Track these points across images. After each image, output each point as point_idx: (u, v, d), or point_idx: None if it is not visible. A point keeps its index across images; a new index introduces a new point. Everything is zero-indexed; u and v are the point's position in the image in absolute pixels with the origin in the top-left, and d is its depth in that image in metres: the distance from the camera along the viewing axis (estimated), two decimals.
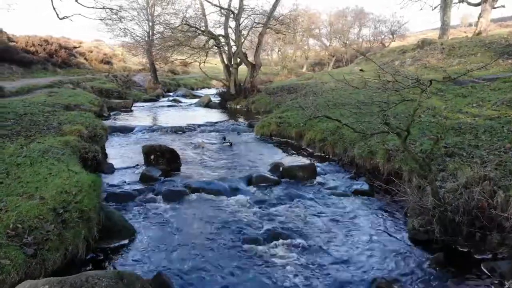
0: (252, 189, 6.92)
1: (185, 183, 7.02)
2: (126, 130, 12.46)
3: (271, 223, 5.46)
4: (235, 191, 6.72)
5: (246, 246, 4.81)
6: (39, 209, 3.92)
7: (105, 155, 8.90)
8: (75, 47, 30.04)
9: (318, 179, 7.48)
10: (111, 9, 9.33)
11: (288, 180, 7.40)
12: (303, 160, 8.91)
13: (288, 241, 4.91)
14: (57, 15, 8.71)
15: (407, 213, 5.74)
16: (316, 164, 8.19)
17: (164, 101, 22.61)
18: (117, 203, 6.12)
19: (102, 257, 4.47)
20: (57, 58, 24.42)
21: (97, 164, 7.61)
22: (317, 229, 5.32)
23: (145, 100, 22.23)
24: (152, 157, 7.97)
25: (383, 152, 7.40)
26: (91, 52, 31.26)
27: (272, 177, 7.38)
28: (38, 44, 23.91)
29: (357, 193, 6.72)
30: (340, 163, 8.44)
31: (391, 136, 7.14)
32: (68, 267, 3.80)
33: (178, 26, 20.49)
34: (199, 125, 13.69)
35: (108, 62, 31.85)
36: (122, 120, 14.86)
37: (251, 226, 5.37)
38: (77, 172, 5.15)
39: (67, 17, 8.99)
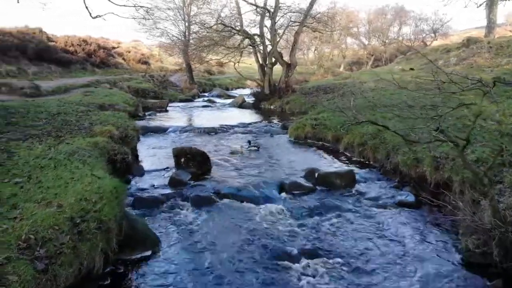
0: (284, 197, 6.45)
1: (214, 188, 6.67)
2: (160, 131, 12.34)
3: (305, 238, 4.97)
4: (266, 198, 6.28)
5: (277, 263, 4.36)
6: (55, 218, 3.65)
7: (136, 157, 8.73)
8: (113, 48, 30.73)
9: (357, 187, 6.90)
10: (141, 6, 9.11)
11: (324, 188, 6.86)
12: (341, 166, 8.33)
13: (324, 259, 4.42)
14: (90, 14, 8.62)
15: (459, 230, 5.08)
16: (355, 170, 7.60)
17: (199, 101, 22.58)
18: (144, 208, 5.85)
19: (122, 270, 4.17)
20: (96, 58, 24.99)
21: (127, 166, 7.41)
22: (356, 247, 4.77)
23: (181, 100, 22.28)
24: (182, 159, 7.69)
25: (430, 160, 6.70)
26: (129, 52, 31.87)
27: (307, 184, 6.88)
28: (77, 44, 24.55)
29: (401, 205, 6.10)
30: (381, 170, 7.77)
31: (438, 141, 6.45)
32: (83, 282, 3.50)
33: (213, 25, 20.31)
34: (232, 126, 13.39)
35: (145, 62, 32.37)
36: (157, 120, 14.82)
37: (283, 240, 4.91)
38: (100, 177, 4.89)
39: (99, 16, 8.87)
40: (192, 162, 7.67)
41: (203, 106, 20.17)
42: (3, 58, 16.85)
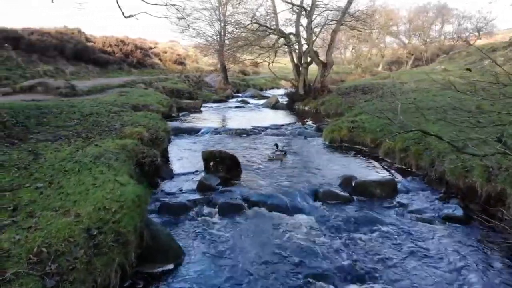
0: (318, 206, 5.99)
1: (243, 195, 6.32)
2: (192, 132, 12.18)
3: (341, 256, 4.51)
4: (298, 208, 5.85)
5: (310, 284, 3.94)
6: (71, 229, 3.42)
7: (166, 159, 8.55)
8: (150, 48, 31.19)
9: (399, 198, 6.32)
10: (172, 5, 8.91)
11: (361, 198, 6.34)
12: (380, 174, 7.74)
13: (362, 283, 3.94)
14: (123, 13, 8.49)
15: None
16: (396, 179, 7.02)
17: (232, 102, 22.40)
18: (169, 215, 5.59)
19: (141, 286, 3.89)
20: (132, 59, 25.36)
21: (156, 169, 7.21)
22: (398, 268, 4.26)
23: (215, 101, 22.19)
24: (211, 163, 7.41)
25: (482, 169, 6.03)
26: (165, 53, 32.26)
27: (342, 193, 6.38)
28: (115, 45, 25.01)
29: (448, 219, 5.50)
30: (425, 179, 7.12)
31: (490, 147, 5.77)
32: None
33: (248, 25, 20.04)
34: (264, 128, 13.02)
35: (181, 63, 32.66)
36: (190, 121, 14.71)
37: (317, 257, 4.48)
38: (123, 183, 4.65)
39: (132, 16, 8.74)
40: (222, 166, 7.36)
41: (236, 107, 19.94)
42: (41, 58, 17.35)
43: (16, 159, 5.36)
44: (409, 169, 7.85)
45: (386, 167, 8.19)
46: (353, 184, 6.65)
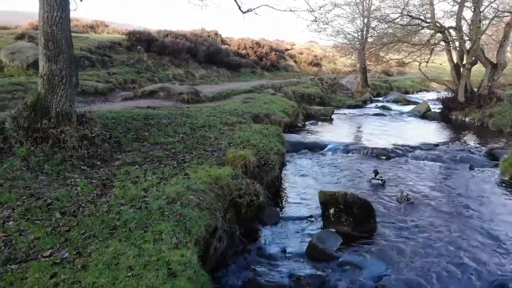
0: None
1: (378, 277, 4.05)
2: (316, 148, 10.16)
3: None
4: None
5: None
6: None
7: (276, 190, 6.74)
8: (286, 50, 30.13)
9: None
10: None
11: None
12: None
13: None
14: (239, 7, 7.14)
15: None
16: None
17: (370, 108, 19.61)
18: None
19: None
20: (266, 61, 24.45)
21: (257, 210, 5.46)
22: None
23: (349, 106, 19.72)
24: (331, 210, 5.27)
25: None
26: (301, 54, 30.80)
27: None
28: (250, 47, 24.44)
29: None
30: None
31: None
32: None
33: (397, 18, 16.97)
34: (411, 148, 10.20)
35: (317, 64, 30.79)
36: (316, 132, 12.70)
37: None
38: (176, 270, 2.93)
39: (251, 10, 7.34)
40: (346, 216, 5.16)
41: (375, 115, 17.11)
42: (173, 60, 17.35)
43: (74, 196, 4.19)
44: None
45: None
46: None
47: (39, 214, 3.71)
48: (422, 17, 17.00)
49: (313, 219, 5.57)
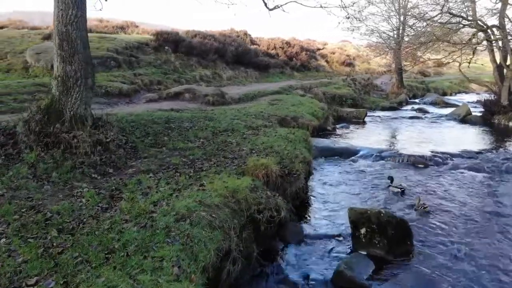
0: None
1: None
2: (346, 154, 9.53)
3: None
4: None
5: None
6: None
7: (300, 203, 6.22)
8: (318, 49, 29.34)
9: None
10: None
11: None
12: None
13: None
14: (265, 4, 6.69)
15: None
16: None
17: (406, 110, 18.66)
18: None
19: None
20: (296, 61, 23.80)
21: (278, 226, 4.97)
22: None
23: (383, 108, 18.83)
24: (363, 230, 4.69)
25: None
26: (333, 54, 29.92)
27: None
28: (280, 47, 23.87)
29: None
30: None
31: None
32: None
33: (436, 16, 15.97)
34: (451, 155, 9.38)
35: (349, 64, 29.82)
36: (347, 137, 12.02)
37: None
38: None
39: (278, 7, 6.87)
40: (379, 237, 4.57)
41: (411, 117, 16.20)
42: (201, 61, 17.00)
43: (77, 210, 3.85)
44: None
45: None
46: None
47: (34, 231, 3.38)
48: (463, 15, 15.93)
49: (341, 238, 5.01)
